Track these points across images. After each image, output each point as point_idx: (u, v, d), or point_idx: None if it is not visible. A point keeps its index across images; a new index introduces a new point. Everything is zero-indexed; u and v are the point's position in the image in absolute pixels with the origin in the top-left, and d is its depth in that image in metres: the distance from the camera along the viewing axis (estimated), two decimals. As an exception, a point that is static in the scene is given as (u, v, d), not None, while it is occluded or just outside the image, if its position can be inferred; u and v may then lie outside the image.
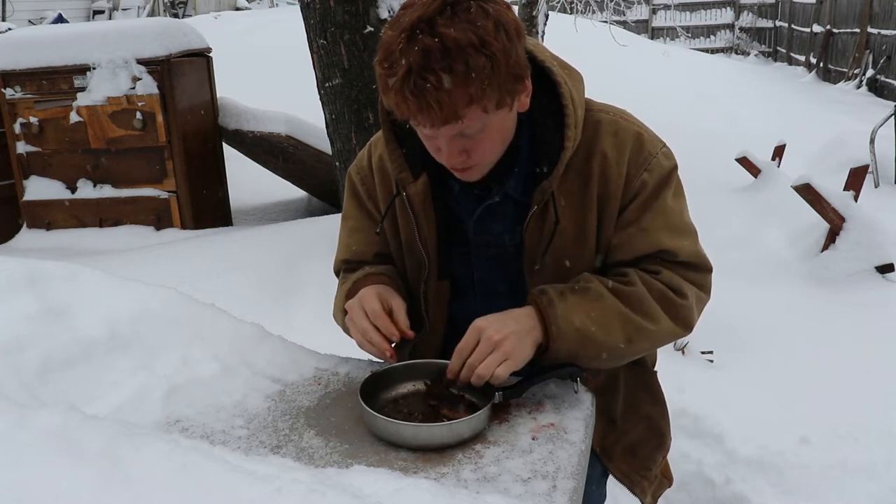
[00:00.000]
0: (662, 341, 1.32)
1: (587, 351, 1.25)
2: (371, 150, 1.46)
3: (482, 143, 1.19)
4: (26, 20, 12.21)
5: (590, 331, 1.23)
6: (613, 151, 1.29)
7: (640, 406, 1.49)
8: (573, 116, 1.26)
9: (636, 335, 1.26)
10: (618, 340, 1.25)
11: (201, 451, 0.86)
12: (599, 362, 1.29)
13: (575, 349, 1.23)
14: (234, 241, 4.31)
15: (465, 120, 1.12)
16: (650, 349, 1.34)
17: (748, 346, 3.19)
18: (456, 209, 1.37)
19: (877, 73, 11.02)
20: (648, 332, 1.26)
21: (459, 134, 1.16)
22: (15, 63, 4.86)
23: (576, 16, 7.15)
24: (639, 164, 1.29)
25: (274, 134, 4.94)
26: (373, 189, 1.44)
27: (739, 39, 17.28)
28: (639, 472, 1.49)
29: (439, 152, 1.22)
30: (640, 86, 7.44)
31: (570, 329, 1.22)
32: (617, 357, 1.29)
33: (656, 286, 1.28)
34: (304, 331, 1.95)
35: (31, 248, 4.86)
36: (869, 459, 2.40)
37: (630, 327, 1.25)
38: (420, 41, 1.06)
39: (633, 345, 1.26)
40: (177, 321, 1.37)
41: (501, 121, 1.19)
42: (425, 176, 1.32)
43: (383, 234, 1.44)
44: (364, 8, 3.30)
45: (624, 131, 1.31)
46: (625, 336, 1.25)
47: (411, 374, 1.29)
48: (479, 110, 1.12)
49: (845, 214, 3.90)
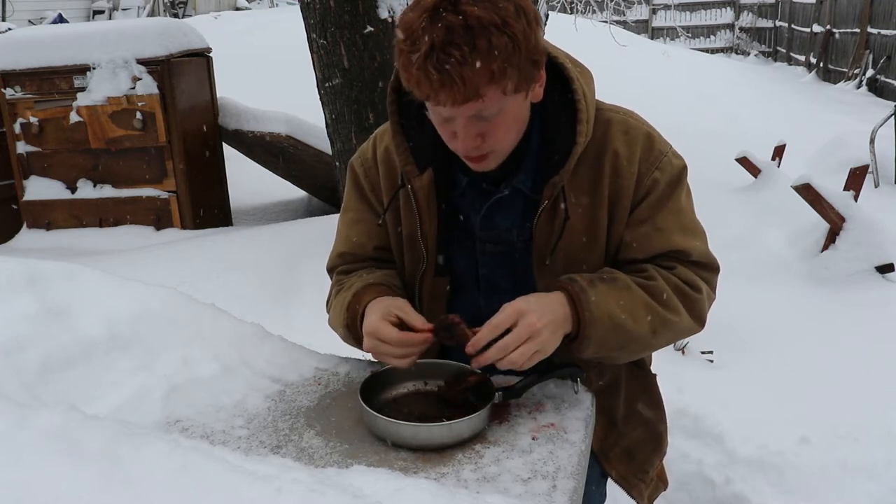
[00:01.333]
0: (680, 335, 1.34)
1: (616, 339, 1.25)
2: (376, 143, 1.45)
3: (498, 128, 1.20)
4: (26, 20, 12.20)
5: (620, 318, 1.23)
6: (625, 149, 1.30)
7: (640, 409, 1.50)
8: (585, 112, 1.27)
9: (661, 327, 1.27)
10: (645, 330, 1.25)
11: (201, 451, 0.86)
12: (622, 354, 1.30)
13: (605, 336, 1.23)
14: (234, 241, 4.31)
15: (486, 99, 1.13)
16: (667, 343, 1.34)
17: (748, 346, 3.19)
18: (460, 205, 1.37)
19: (877, 73, 11.01)
20: (672, 324, 1.28)
21: (477, 116, 1.17)
22: (15, 63, 4.85)
23: (576, 16, 7.15)
24: (650, 163, 1.30)
25: (274, 134, 4.94)
26: (376, 181, 1.44)
27: (739, 39, 17.28)
28: (636, 474, 1.49)
29: (454, 139, 1.21)
30: (640, 86, 7.44)
31: (603, 315, 1.22)
32: (640, 349, 1.31)
33: (673, 280, 1.30)
34: (304, 331, 1.95)
35: (31, 248, 4.86)
36: (869, 459, 2.40)
37: (656, 318, 1.26)
38: (444, 18, 1.08)
39: (657, 336, 1.28)
40: (177, 321, 1.37)
41: (518, 107, 1.21)
42: (431, 171, 1.33)
43: (384, 227, 1.43)
44: (364, 8, 3.30)
45: (634, 130, 1.32)
46: (651, 327, 1.26)
47: (411, 374, 1.29)
48: (499, 91, 1.13)
49: (845, 214, 3.90)
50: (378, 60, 3.40)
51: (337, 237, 1.52)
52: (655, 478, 1.56)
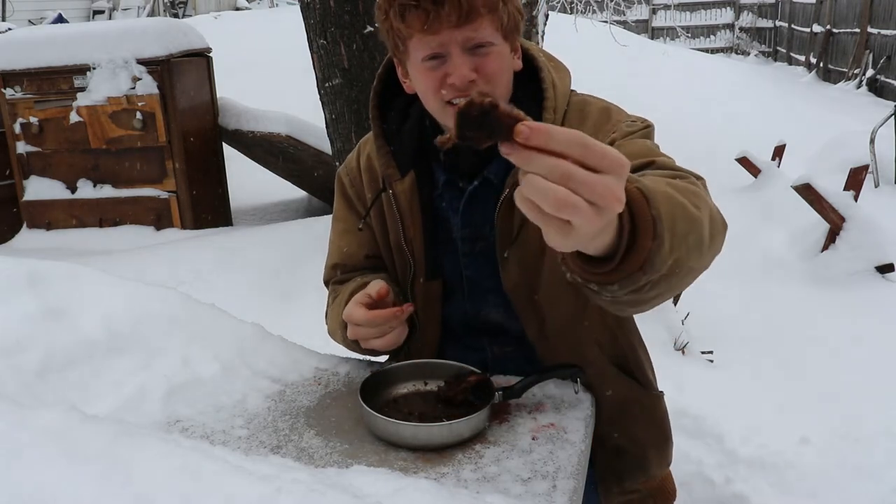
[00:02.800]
0: (717, 226, 1.00)
1: (682, 221, 0.90)
2: (360, 151, 1.46)
3: (490, 64, 1.18)
4: (26, 20, 12.20)
5: (677, 198, 0.93)
6: (580, 125, 1.27)
7: (630, 424, 1.43)
8: (552, 100, 1.27)
9: (704, 207, 0.97)
10: (696, 213, 0.94)
11: (201, 451, 0.86)
12: (691, 248, 0.92)
13: (673, 213, 0.88)
14: (234, 241, 4.31)
15: (481, 26, 1.15)
16: (712, 240, 0.98)
17: (748, 346, 3.19)
18: (442, 206, 1.36)
19: (877, 73, 11.01)
20: (707, 206, 0.99)
21: (474, 45, 1.17)
22: (15, 63, 4.86)
23: (576, 16, 7.15)
24: (606, 132, 1.26)
25: (274, 134, 4.94)
26: (361, 190, 1.43)
27: (739, 39, 17.28)
28: (623, 494, 1.47)
29: (443, 85, 1.18)
30: (640, 86, 7.44)
31: (660, 192, 0.90)
32: (700, 241, 0.95)
33: (676, 182, 1.00)
34: (304, 331, 1.95)
35: (31, 248, 4.86)
36: (869, 459, 2.40)
37: (701, 202, 0.97)
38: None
39: (712, 224, 0.98)
40: (177, 321, 1.37)
41: (506, 56, 1.21)
42: (412, 174, 1.32)
43: (372, 235, 1.43)
44: (364, 8, 3.30)
45: (591, 105, 1.32)
46: (694, 204, 0.95)
47: (411, 374, 1.29)
48: (495, 21, 1.16)
49: (845, 214, 3.90)
50: (378, 60, 3.40)
51: (329, 249, 1.51)
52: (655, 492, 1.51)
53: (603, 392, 1.36)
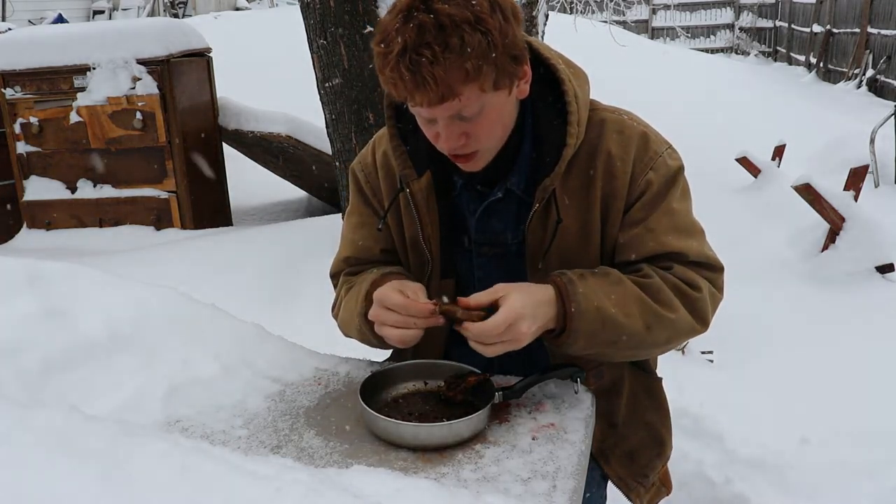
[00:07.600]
0: (680, 334, 1.29)
1: (606, 334, 1.21)
2: (375, 147, 1.46)
3: (481, 127, 1.19)
4: (26, 20, 12.20)
5: (610, 312, 1.20)
6: (618, 150, 1.28)
7: (643, 412, 1.48)
8: (576, 114, 1.26)
9: (655, 323, 1.23)
10: (637, 326, 1.22)
11: (201, 451, 0.86)
12: (617, 350, 1.25)
13: (594, 330, 1.20)
14: (234, 241, 4.31)
15: (462, 98, 1.12)
16: (668, 342, 1.29)
17: (748, 346, 3.19)
18: (460, 207, 1.37)
19: (877, 73, 11.01)
20: (667, 321, 1.24)
21: (458, 115, 1.16)
22: (15, 63, 4.86)
23: (576, 16, 7.15)
24: (644, 163, 1.28)
25: (274, 134, 4.94)
26: (377, 185, 1.44)
27: (739, 39, 17.28)
28: (635, 477, 1.48)
29: (438, 138, 1.21)
30: (640, 86, 7.43)
31: (591, 308, 1.19)
32: (635, 345, 1.25)
33: (671, 279, 1.26)
34: (304, 331, 1.95)
35: (31, 248, 4.86)
36: (869, 459, 2.40)
37: (649, 314, 1.22)
38: (416, 18, 1.08)
39: (653, 332, 1.23)
40: (177, 321, 1.37)
41: (500, 105, 1.19)
42: (429, 174, 1.32)
43: (388, 231, 1.43)
44: (364, 8, 3.30)
45: (629, 129, 1.30)
46: (644, 322, 1.22)
47: (411, 374, 1.29)
48: (476, 89, 1.12)
49: (845, 214, 3.90)
50: (378, 60, 3.39)
51: (342, 242, 1.51)
52: (658, 482, 1.55)
53: (620, 388, 1.43)
